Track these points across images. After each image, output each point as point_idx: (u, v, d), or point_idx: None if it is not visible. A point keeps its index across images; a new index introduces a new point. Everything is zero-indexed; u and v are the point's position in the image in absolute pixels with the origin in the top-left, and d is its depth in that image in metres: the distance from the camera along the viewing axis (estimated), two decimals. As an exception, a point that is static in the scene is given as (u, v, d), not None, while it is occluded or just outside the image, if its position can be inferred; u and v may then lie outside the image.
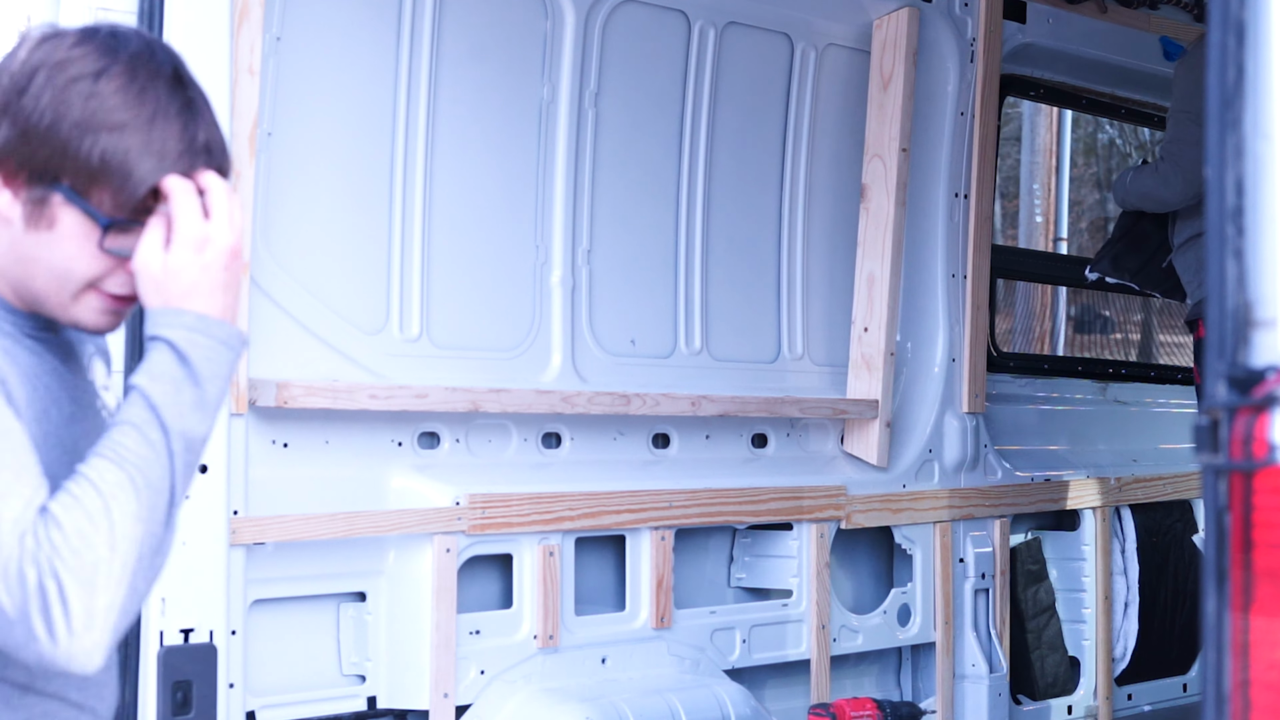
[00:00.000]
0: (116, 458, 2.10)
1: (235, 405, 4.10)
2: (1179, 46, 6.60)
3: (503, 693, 4.58)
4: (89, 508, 2.06)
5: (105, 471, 2.09)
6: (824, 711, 5.08)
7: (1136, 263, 6.15)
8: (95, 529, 2.05)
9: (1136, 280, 6.23)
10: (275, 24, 4.29)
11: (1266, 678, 1.99)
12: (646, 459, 5.11)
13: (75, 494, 2.07)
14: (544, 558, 4.69)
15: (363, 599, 4.44)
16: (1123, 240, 6.16)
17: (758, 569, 5.39)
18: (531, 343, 4.89)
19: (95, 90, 2.19)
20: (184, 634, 3.95)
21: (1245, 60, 2.05)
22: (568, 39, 4.94)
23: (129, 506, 2.08)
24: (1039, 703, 6.20)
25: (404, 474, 4.51)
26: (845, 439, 5.61)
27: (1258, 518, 2.01)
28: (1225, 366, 2.04)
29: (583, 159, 5.00)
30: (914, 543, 5.69)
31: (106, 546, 2.05)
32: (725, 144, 5.36)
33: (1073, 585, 6.36)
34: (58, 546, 2.03)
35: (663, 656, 4.98)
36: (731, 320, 5.40)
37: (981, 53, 5.83)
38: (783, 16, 5.46)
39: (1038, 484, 6.15)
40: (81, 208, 2.20)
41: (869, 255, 5.62)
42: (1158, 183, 5.84)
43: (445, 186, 4.71)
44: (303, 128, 4.40)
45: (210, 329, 2.20)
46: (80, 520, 2.05)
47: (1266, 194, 2.04)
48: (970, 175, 5.88)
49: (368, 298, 4.56)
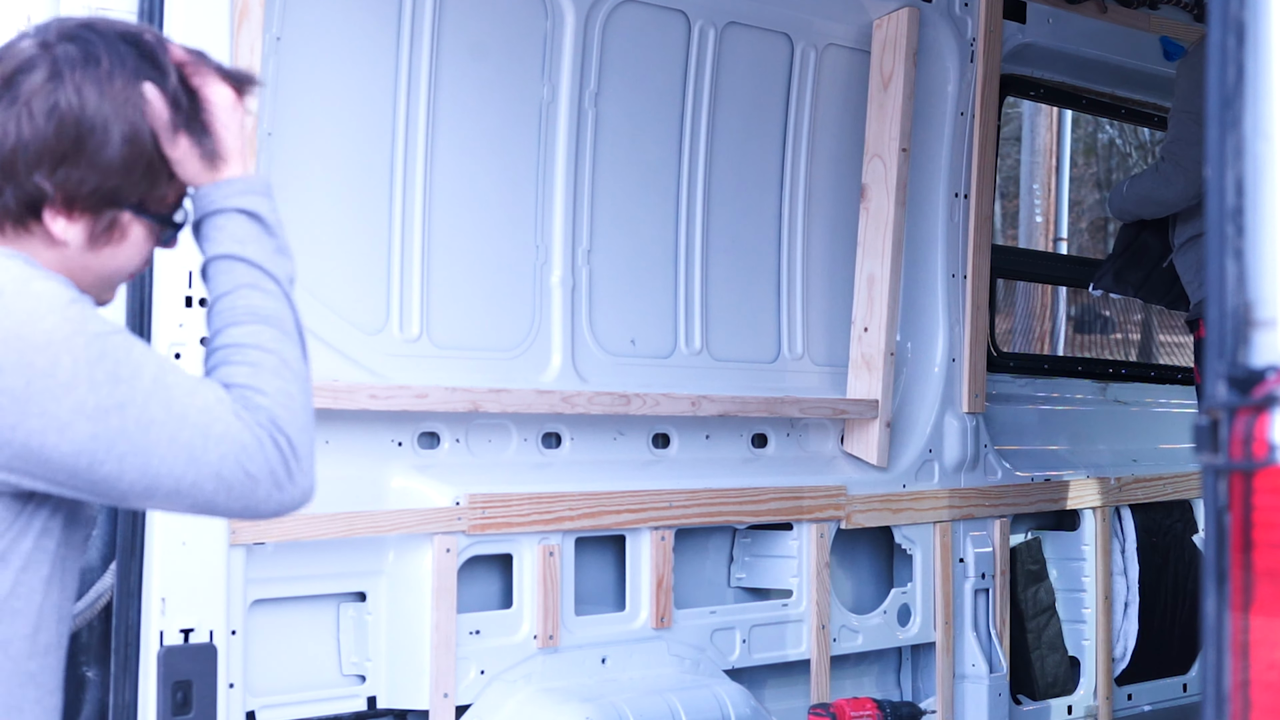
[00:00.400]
0: (259, 317, 2.31)
1: (235, 405, 4.10)
2: (1179, 46, 6.60)
3: (503, 693, 4.58)
4: (270, 365, 2.29)
5: (259, 332, 2.30)
6: (824, 711, 5.08)
7: (1139, 276, 6.15)
8: (285, 380, 2.29)
9: (1140, 294, 6.23)
10: (275, 24, 4.29)
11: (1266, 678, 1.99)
12: (646, 459, 5.11)
13: (252, 360, 2.28)
14: (544, 558, 4.69)
15: (363, 599, 4.44)
16: (1124, 254, 6.15)
17: (758, 569, 5.39)
18: (531, 343, 4.89)
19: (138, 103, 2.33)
20: (184, 634, 3.95)
21: (1245, 60, 2.05)
22: (568, 39, 4.94)
23: (292, 351, 2.31)
24: (1039, 703, 6.20)
25: (404, 474, 4.51)
26: (845, 439, 5.61)
27: (1258, 518, 2.01)
28: (1225, 366, 2.04)
29: (583, 159, 4.99)
30: (914, 543, 5.69)
31: (300, 391, 2.30)
32: (725, 144, 5.36)
33: (1073, 585, 6.36)
34: (269, 407, 2.26)
35: (663, 656, 4.98)
36: (731, 320, 5.40)
37: (981, 53, 5.83)
38: (783, 16, 5.46)
39: (1038, 484, 6.15)
40: (152, 219, 2.37)
41: (869, 255, 5.62)
42: (1158, 183, 5.83)
43: (445, 186, 4.71)
44: (303, 128, 4.40)
45: (256, 186, 2.38)
46: (271, 379, 2.28)
47: (1266, 194, 2.04)
48: (970, 175, 5.88)
49: (368, 298, 4.56)
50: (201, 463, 2.21)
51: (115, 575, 3.90)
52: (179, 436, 2.20)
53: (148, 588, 3.90)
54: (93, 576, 3.95)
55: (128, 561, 3.87)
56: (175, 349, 3.96)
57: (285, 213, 4.38)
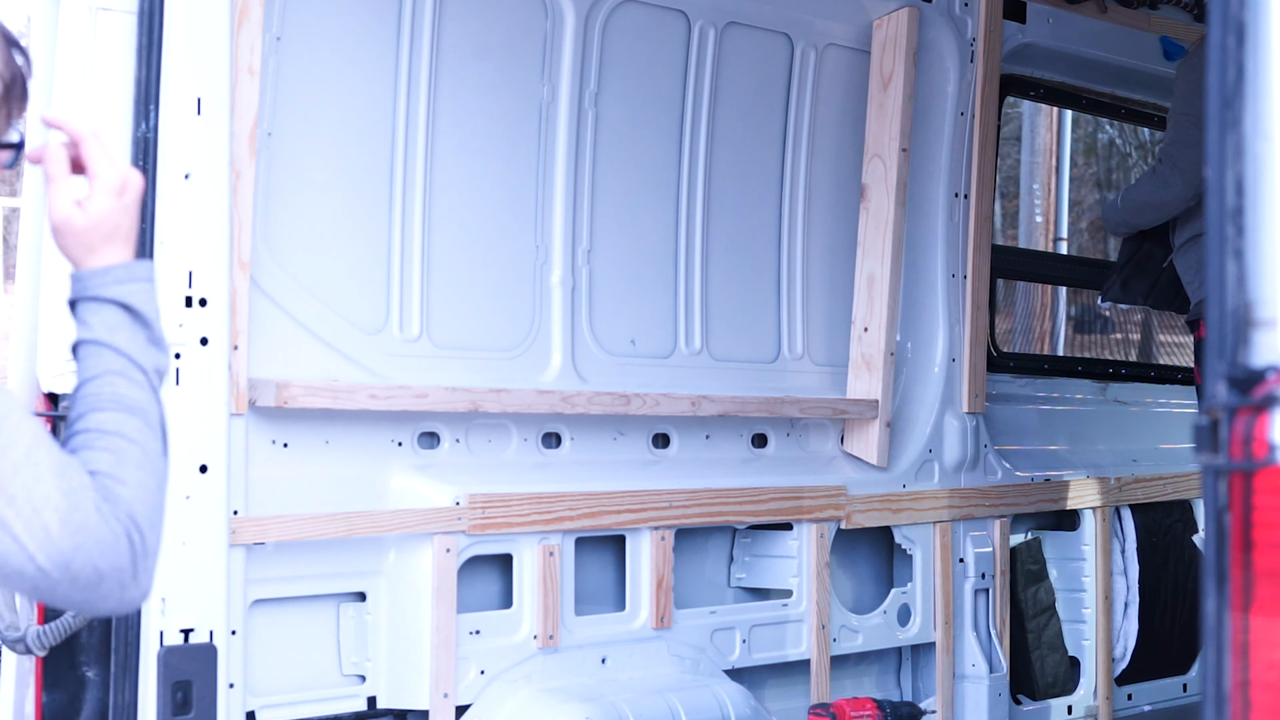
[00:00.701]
0: (125, 406, 2.26)
1: (235, 405, 4.10)
2: (1179, 47, 6.60)
3: (503, 693, 4.58)
4: (133, 457, 2.23)
5: (124, 421, 2.25)
6: (824, 711, 5.08)
7: (1145, 285, 6.15)
8: (146, 474, 2.23)
9: (1149, 303, 6.23)
10: (275, 24, 4.29)
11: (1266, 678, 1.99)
12: (646, 459, 5.11)
13: (115, 448, 2.23)
14: (544, 558, 4.69)
15: (363, 599, 4.44)
16: (1129, 264, 6.16)
17: (758, 569, 5.39)
18: (531, 343, 4.90)
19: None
20: (184, 634, 3.95)
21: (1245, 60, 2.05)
22: (568, 39, 4.94)
23: (154, 445, 2.26)
24: (1039, 703, 6.20)
25: (404, 474, 4.51)
26: (845, 439, 5.61)
27: (1258, 518, 2.01)
28: (1225, 366, 2.04)
29: (583, 159, 5.00)
30: (914, 543, 5.69)
31: (158, 488, 2.24)
32: (725, 144, 5.36)
33: (1073, 585, 6.36)
34: (129, 500, 2.20)
35: (663, 656, 4.98)
36: (731, 320, 5.40)
37: (981, 53, 5.83)
38: (783, 16, 5.46)
39: (1038, 484, 6.15)
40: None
41: (869, 255, 5.62)
42: (1156, 186, 5.83)
43: (445, 186, 4.71)
44: (303, 128, 4.40)
45: (136, 274, 2.35)
46: (133, 470, 2.22)
47: (1266, 194, 2.04)
48: (970, 175, 5.88)
49: (368, 298, 4.56)
50: (54, 550, 2.13)
51: (115, 575, 3.90)
52: (37, 519, 2.12)
53: (148, 588, 3.89)
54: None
55: (128, 561, 3.87)
56: (175, 349, 3.96)
57: (285, 213, 4.40)
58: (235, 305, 4.09)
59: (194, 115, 4.00)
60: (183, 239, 3.99)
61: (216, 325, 4.04)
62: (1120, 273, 6.21)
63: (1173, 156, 5.76)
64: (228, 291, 4.07)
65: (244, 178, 4.11)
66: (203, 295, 4.02)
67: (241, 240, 4.12)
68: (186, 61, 3.99)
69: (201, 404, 4.01)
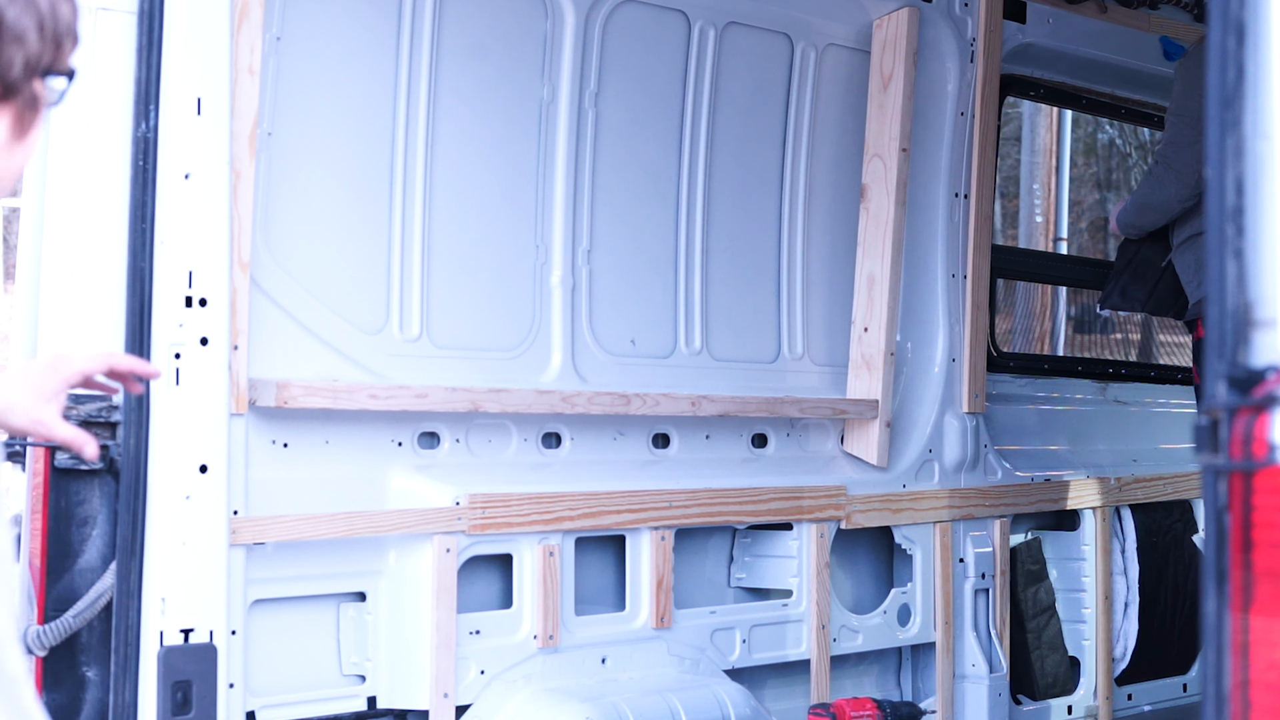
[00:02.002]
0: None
1: (235, 405, 4.10)
2: (1179, 46, 6.60)
3: (503, 693, 4.58)
4: None
5: None
6: (824, 711, 5.08)
7: (1144, 291, 6.14)
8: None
9: (1148, 308, 6.22)
10: (275, 24, 4.29)
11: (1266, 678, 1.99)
12: (646, 459, 5.11)
13: None
14: (544, 558, 4.69)
15: (363, 599, 4.44)
16: (1126, 270, 6.15)
17: (758, 569, 5.39)
18: (531, 343, 4.90)
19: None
20: (184, 634, 3.95)
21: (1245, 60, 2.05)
22: (568, 39, 4.94)
23: None
24: (1039, 703, 6.20)
25: (404, 474, 4.52)
26: (845, 439, 5.61)
27: (1258, 518, 2.01)
28: (1225, 366, 2.04)
29: (583, 159, 5.00)
30: (914, 543, 5.69)
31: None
32: (725, 144, 5.36)
33: (1073, 585, 6.36)
34: None
35: (663, 656, 4.98)
36: (731, 320, 5.40)
37: (981, 53, 5.83)
38: (783, 16, 5.46)
39: (1038, 484, 6.15)
40: (60, 75, 2.01)
41: (869, 255, 5.62)
42: (1153, 188, 5.84)
43: (445, 186, 4.71)
44: (303, 128, 4.40)
45: None
46: None
47: (1266, 194, 2.04)
48: (970, 175, 5.88)
49: (368, 298, 4.56)
50: None
51: (115, 575, 3.90)
52: None
53: (148, 588, 3.90)
54: (93, 576, 3.96)
55: (128, 561, 3.88)
56: (175, 349, 3.97)
57: (285, 213, 4.40)
58: (235, 305, 4.10)
59: (194, 115, 4.00)
60: (183, 239, 3.99)
61: (216, 325, 4.04)
62: (1119, 278, 6.21)
63: (1167, 158, 5.76)
64: (228, 291, 4.07)
65: (244, 178, 4.11)
66: (203, 295, 4.02)
67: (241, 240, 4.12)
68: (186, 61, 3.99)
69: (201, 404, 4.01)
